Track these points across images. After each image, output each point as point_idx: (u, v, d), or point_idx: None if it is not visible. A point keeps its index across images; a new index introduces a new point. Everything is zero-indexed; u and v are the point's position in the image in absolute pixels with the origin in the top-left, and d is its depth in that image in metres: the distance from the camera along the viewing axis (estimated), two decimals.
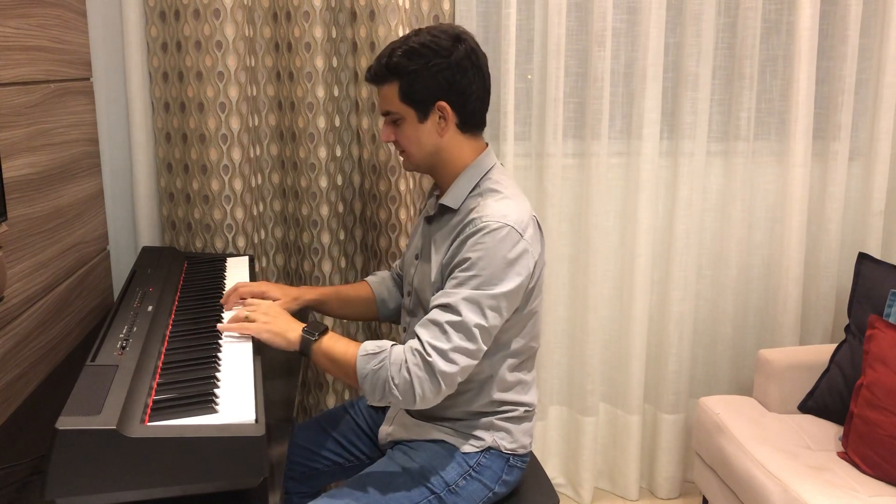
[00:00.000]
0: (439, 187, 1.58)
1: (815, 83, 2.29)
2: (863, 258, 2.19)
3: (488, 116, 2.22)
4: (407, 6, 1.98)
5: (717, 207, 2.39)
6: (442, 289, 1.42)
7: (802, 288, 2.39)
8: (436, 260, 1.49)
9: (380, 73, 1.49)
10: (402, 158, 1.57)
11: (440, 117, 1.47)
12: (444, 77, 1.44)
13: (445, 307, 1.37)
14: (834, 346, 2.19)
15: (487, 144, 1.56)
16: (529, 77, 2.25)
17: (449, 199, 1.50)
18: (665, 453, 2.46)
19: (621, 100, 2.31)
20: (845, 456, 1.91)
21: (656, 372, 2.44)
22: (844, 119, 2.32)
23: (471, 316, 1.35)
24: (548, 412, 2.45)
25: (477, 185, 1.49)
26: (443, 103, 1.46)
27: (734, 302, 2.42)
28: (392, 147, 1.98)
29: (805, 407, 2.16)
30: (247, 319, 1.43)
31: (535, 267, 1.45)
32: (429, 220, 1.57)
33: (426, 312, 1.44)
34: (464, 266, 1.38)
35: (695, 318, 2.43)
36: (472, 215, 1.42)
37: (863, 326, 2.07)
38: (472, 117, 1.50)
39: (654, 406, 2.47)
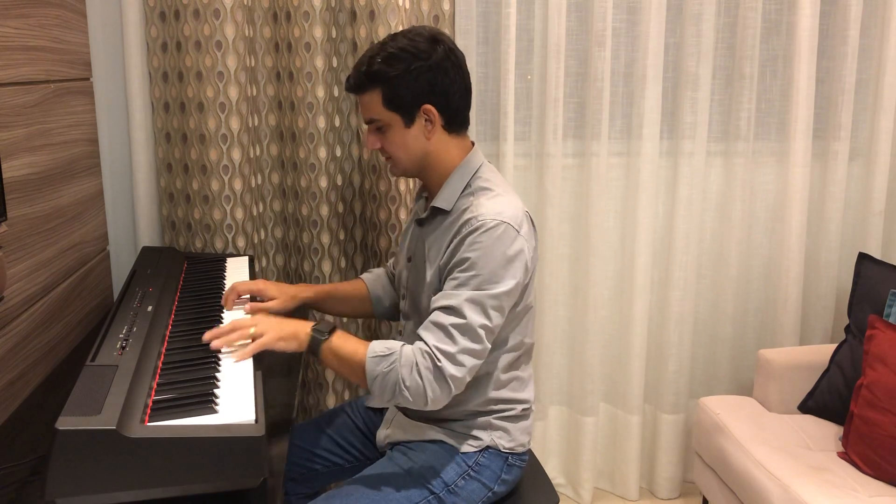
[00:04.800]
0: (428, 189, 1.57)
1: (815, 83, 2.28)
2: (863, 258, 2.18)
3: (488, 117, 2.27)
4: (407, 6, 1.98)
5: (717, 207, 2.39)
6: (440, 290, 1.42)
7: (802, 288, 2.38)
8: (431, 263, 1.49)
9: (360, 82, 1.47)
10: (389, 165, 1.55)
11: (426, 120, 1.47)
12: (427, 79, 1.44)
13: (448, 309, 1.36)
14: (834, 346, 2.19)
15: (473, 143, 1.56)
16: (529, 77, 2.25)
17: (441, 201, 1.49)
18: (665, 453, 2.45)
19: (621, 100, 2.30)
20: (845, 456, 1.91)
21: (656, 372, 2.44)
22: (844, 119, 2.32)
23: (475, 317, 1.35)
24: (548, 412, 2.45)
25: (468, 185, 1.49)
26: (428, 106, 1.45)
27: (734, 302, 2.42)
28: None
29: (805, 407, 2.16)
30: (253, 336, 1.37)
31: (531, 262, 1.46)
32: (420, 222, 1.57)
33: (423, 315, 1.44)
34: (463, 266, 1.38)
35: (695, 318, 2.43)
36: (467, 215, 1.42)
37: (863, 326, 2.07)
38: (457, 117, 1.50)
39: (654, 406, 2.47)
